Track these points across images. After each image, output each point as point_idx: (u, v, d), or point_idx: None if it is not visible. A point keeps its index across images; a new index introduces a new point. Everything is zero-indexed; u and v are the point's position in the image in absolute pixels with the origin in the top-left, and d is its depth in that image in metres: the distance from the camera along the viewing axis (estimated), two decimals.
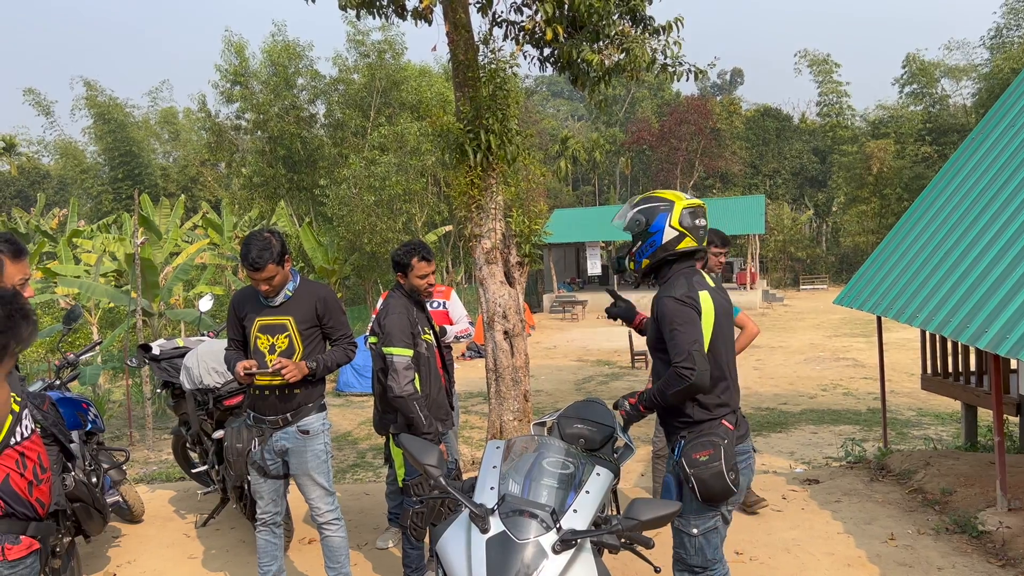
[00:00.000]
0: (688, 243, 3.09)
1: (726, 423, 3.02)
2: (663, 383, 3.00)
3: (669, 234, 3.08)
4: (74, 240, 22.40)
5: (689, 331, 2.93)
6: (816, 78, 47.20)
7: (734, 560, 4.63)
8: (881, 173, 38.88)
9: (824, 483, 6.13)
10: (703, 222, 3.14)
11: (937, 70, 41.40)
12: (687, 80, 7.49)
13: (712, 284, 3.14)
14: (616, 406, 3.33)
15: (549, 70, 7.72)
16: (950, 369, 7.62)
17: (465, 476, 5.50)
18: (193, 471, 5.94)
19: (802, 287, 41.52)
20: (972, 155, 6.59)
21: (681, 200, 3.12)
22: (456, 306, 5.95)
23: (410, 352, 4.07)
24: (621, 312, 3.70)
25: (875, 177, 39.21)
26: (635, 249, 3.20)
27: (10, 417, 2.44)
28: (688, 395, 2.96)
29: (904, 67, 42.18)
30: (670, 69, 7.22)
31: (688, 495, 3.02)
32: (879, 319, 6.81)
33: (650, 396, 3.10)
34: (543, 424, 3.97)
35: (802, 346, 18.76)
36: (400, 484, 4.48)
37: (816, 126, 50.08)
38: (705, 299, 3.02)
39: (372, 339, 4.39)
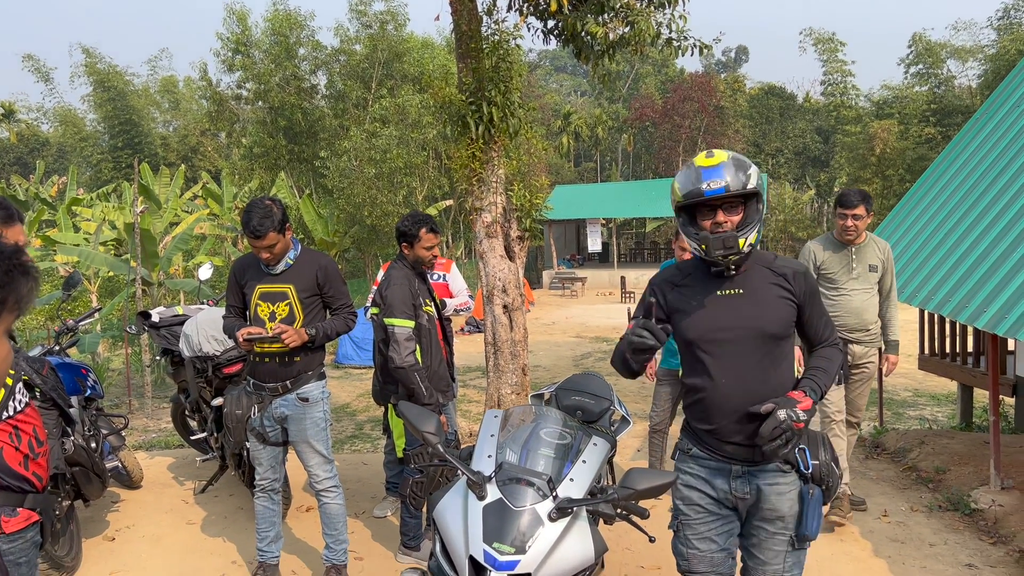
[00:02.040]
0: None
1: None
2: (827, 364, 2.55)
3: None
4: (73, 208, 22.34)
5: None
6: (821, 57, 46.84)
7: None
8: (884, 154, 38.66)
9: None
10: None
11: (943, 51, 41.06)
12: (692, 55, 7.45)
13: None
14: (778, 436, 2.33)
15: (553, 43, 7.65)
16: (947, 350, 7.64)
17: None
18: (192, 438, 5.97)
19: None
20: (975, 136, 6.56)
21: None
22: (456, 279, 5.96)
23: (411, 323, 4.10)
24: (655, 341, 2.38)
25: (878, 158, 39.00)
26: (754, 220, 2.51)
27: (2, 390, 2.40)
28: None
29: (910, 47, 41.80)
30: (675, 43, 7.15)
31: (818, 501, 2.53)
32: None
33: (822, 385, 2.49)
34: (541, 396, 3.99)
35: None
36: (399, 454, 4.51)
37: (820, 105, 49.76)
38: None
39: (374, 310, 4.41)
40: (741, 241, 2.45)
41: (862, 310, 4.73)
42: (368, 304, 5.21)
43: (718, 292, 2.55)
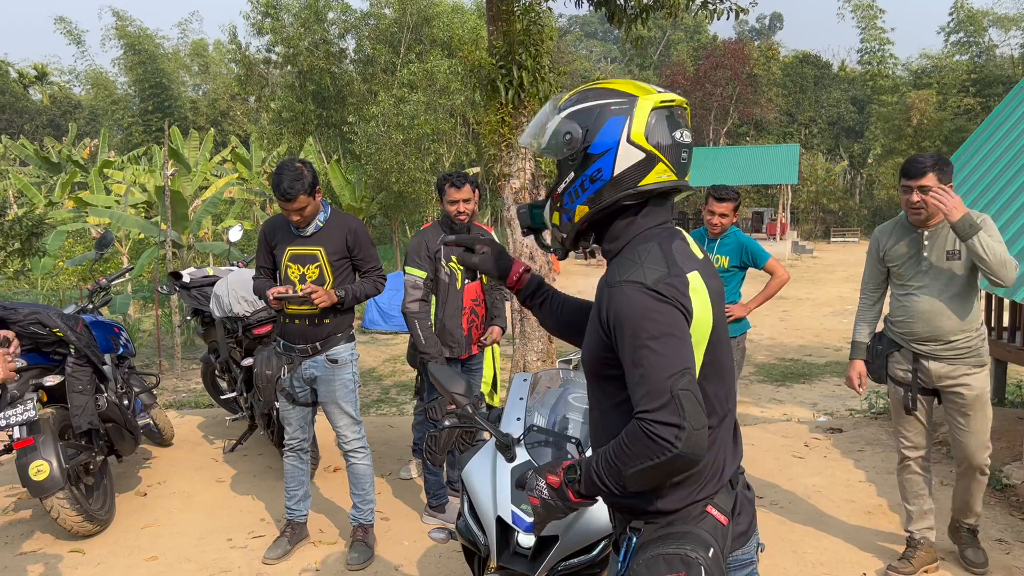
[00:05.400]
0: (661, 174, 1.67)
1: (714, 512, 1.68)
2: (618, 450, 1.57)
3: (627, 157, 1.66)
4: (104, 171, 22.56)
5: (670, 353, 1.54)
6: (859, 24, 45.77)
7: (755, 504, 4.66)
8: (921, 125, 37.88)
9: (847, 432, 6.13)
10: (687, 136, 1.71)
11: (986, 19, 39.95)
12: (728, 19, 7.23)
13: (700, 254, 1.77)
14: (523, 485, 1.81)
15: (585, 6, 7.52)
16: None
17: None
18: (222, 398, 6.05)
19: (832, 239, 40.96)
20: (1017, 107, 6.38)
21: (649, 92, 1.70)
22: None
23: (422, 273, 4.27)
24: (483, 263, 2.09)
25: (914, 129, 38.23)
26: (562, 189, 1.75)
27: None
28: (666, 476, 1.57)
29: (951, 15, 40.74)
30: (710, 6, 7.01)
31: None
32: None
33: (592, 473, 1.63)
34: (569, 361, 3.98)
35: (830, 299, 18.56)
36: None
37: (856, 75, 48.74)
38: (697, 288, 1.64)
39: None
40: (538, 215, 1.88)
41: (932, 314, 3.54)
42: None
43: None
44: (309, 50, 27.04)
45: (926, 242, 3.57)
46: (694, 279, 1.64)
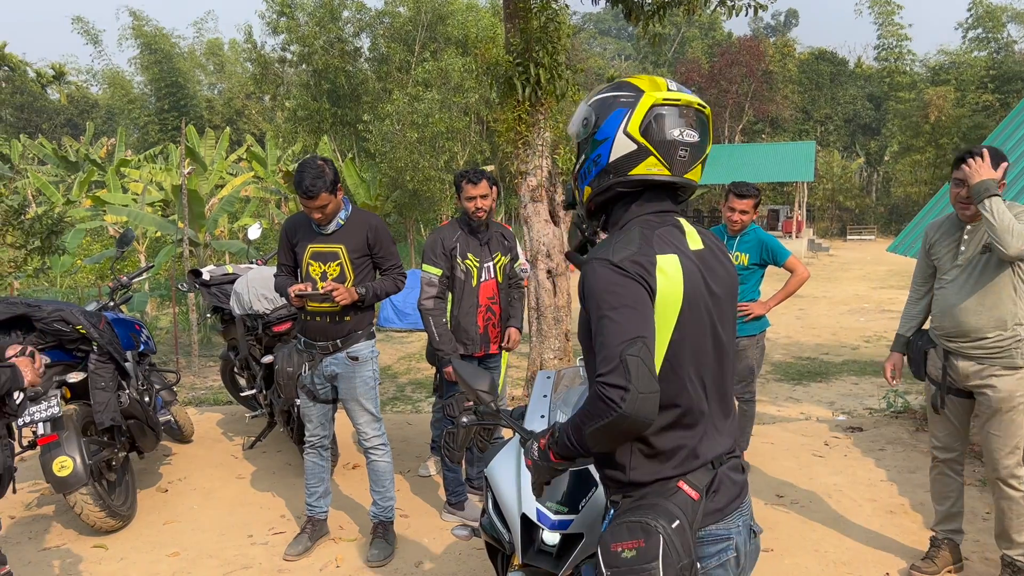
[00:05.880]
0: (651, 167, 1.78)
1: (686, 487, 1.75)
2: (579, 413, 1.71)
3: (621, 147, 1.79)
4: (121, 170, 22.71)
5: (625, 322, 1.64)
6: (876, 20, 45.43)
7: (775, 503, 4.64)
8: (939, 121, 37.58)
9: (868, 431, 6.08)
10: (691, 135, 1.78)
11: (1004, 14, 39.61)
12: (746, 15, 7.22)
13: (701, 245, 1.85)
14: (525, 451, 2.00)
15: (602, 3, 7.51)
16: None
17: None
18: (241, 395, 6.08)
19: (849, 237, 40.69)
20: None
21: (658, 88, 1.79)
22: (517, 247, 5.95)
23: (437, 270, 4.31)
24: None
25: (932, 126, 37.94)
26: (576, 169, 1.94)
27: None
28: (617, 436, 1.66)
29: (969, 10, 40.42)
30: (728, 3, 6.97)
31: None
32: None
33: (564, 435, 1.78)
34: None
35: (846, 297, 18.45)
36: None
37: (872, 71, 48.40)
38: (667, 269, 1.73)
39: None
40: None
41: (960, 310, 3.41)
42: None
43: None
44: (324, 49, 27.14)
45: (966, 236, 3.45)
46: (665, 261, 1.73)
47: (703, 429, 1.79)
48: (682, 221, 1.87)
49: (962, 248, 3.45)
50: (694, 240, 1.85)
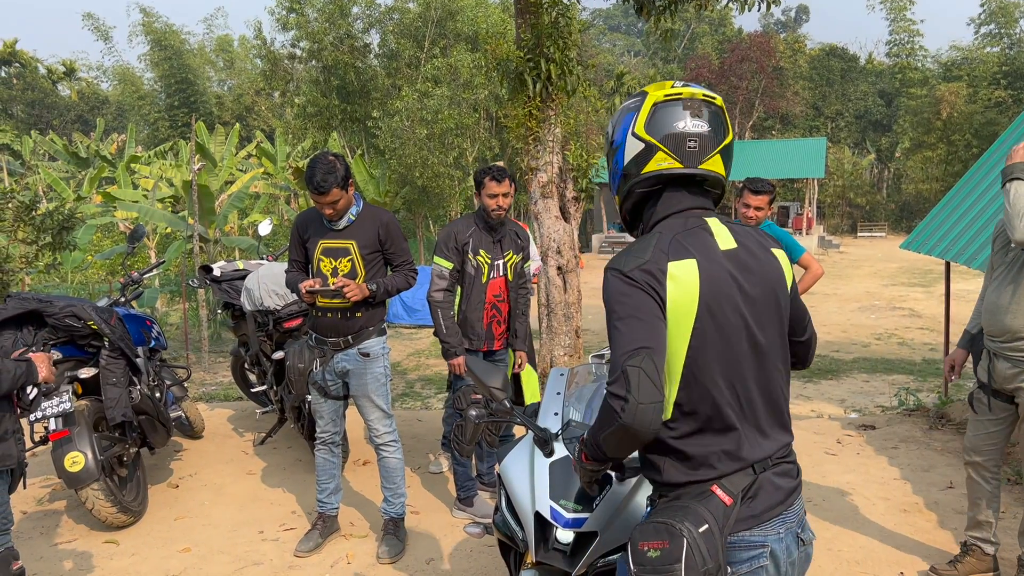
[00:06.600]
0: (662, 162, 1.80)
1: (719, 492, 1.73)
2: (596, 418, 1.77)
3: (631, 149, 1.83)
4: (132, 166, 22.78)
5: (629, 333, 1.67)
6: (888, 16, 45.16)
7: None
8: (951, 118, 37.29)
9: (880, 429, 6.04)
10: (698, 125, 1.79)
11: (1017, 10, 39.29)
12: (759, 10, 7.17)
13: (733, 244, 1.81)
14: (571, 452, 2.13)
15: None
16: None
17: None
18: (252, 391, 6.09)
19: (859, 234, 40.47)
20: None
21: (660, 90, 1.83)
22: (531, 246, 5.93)
23: (448, 263, 4.33)
24: None
25: (943, 122, 37.65)
26: (610, 182, 1.99)
27: None
28: (624, 443, 1.69)
29: (982, 6, 40.11)
30: None
31: None
32: (947, 265, 6.59)
33: (589, 438, 1.83)
34: (601, 356, 3.95)
35: (857, 294, 18.36)
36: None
37: (884, 67, 48.10)
38: (679, 276, 1.71)
39: None
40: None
41: (999, 308, 3.30)
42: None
43: None
44: (333, 45, 27.11)
45: None
46: (679, 267, 1.71)
47: (740, 434, 1.77)
48: (710, 221, 1.83)
49: (1012, 244, 3.30)
50: (725, 240, 1.81)
